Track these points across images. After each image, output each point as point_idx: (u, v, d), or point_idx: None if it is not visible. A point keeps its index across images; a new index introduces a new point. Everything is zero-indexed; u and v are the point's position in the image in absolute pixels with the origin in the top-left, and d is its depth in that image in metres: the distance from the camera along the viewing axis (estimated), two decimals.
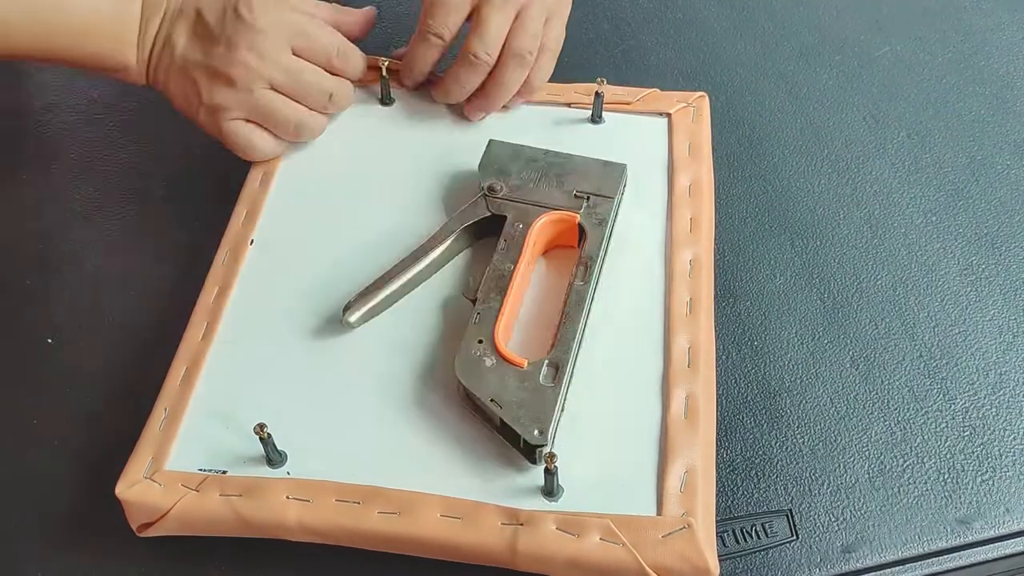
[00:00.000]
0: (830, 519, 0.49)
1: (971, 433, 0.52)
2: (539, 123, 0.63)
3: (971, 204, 0.63)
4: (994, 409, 0.53)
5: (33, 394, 0.54)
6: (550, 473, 0.45)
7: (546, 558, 0.45)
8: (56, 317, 0.58)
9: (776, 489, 0.50)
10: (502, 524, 0.45)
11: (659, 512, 0.46)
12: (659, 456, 0.48)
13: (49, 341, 0.56)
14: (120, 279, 0.59)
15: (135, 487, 0.47)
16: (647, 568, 0.44)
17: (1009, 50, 0.73)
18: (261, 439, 0.46)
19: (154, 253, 0.61)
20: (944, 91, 0.70)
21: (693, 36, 0.75)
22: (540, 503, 0.46)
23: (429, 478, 0.47)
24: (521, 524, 0.45)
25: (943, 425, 0.52)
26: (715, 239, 0.58)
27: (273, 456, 0.47)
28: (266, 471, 0.47)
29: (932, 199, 0.63)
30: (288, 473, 0.47)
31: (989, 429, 0.52)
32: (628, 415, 0.49)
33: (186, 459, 0.48)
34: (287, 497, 0.46)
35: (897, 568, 0.48)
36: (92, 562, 0.48)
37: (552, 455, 0.45)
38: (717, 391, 0.51)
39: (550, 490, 0.46)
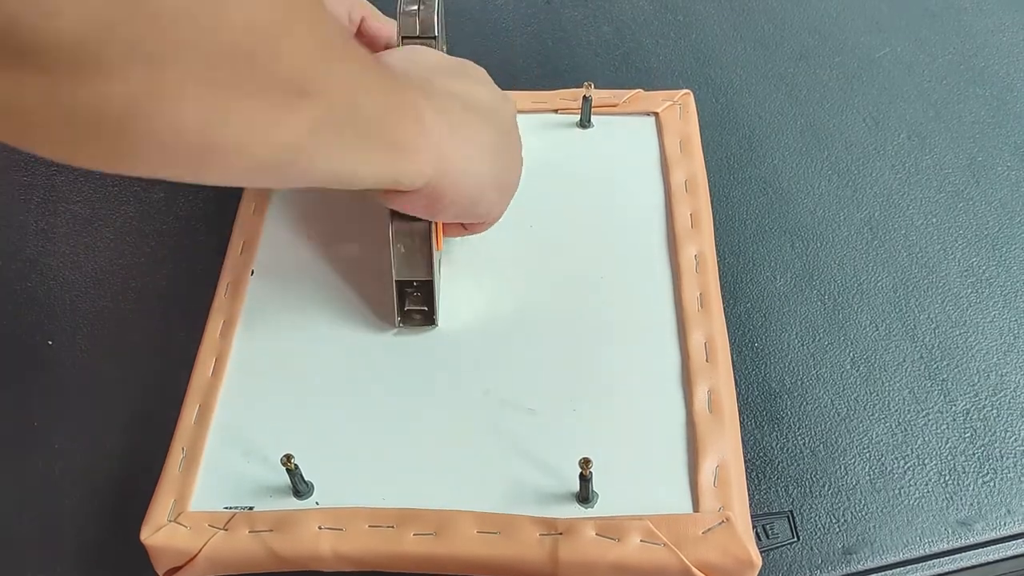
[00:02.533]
0: (831, 521, 0.49)
1: (972, 435, 0.52)
2: (527, 130, 0.61)
3: (972, 206, 0.63)
4: (995, 410, 0.53)
5: (33, 396, 0.54)
6: (585, 479, 0.45)
7: (589, 566, 0.44)
8: (57, 319, 0.58)
9: (777, 490, 0.50)
10: (541, 535, 0.44)
11: (695, 508, 0.45)
12: (689, 452, 0.47)
13: (50, 343, 0.56)
14: (121, 281, 0.59)
15: (160, 531, 0.45)
16: (691, 566, 0.43)
17: (1010, 52, 0.73)
18: (288, 470, 0.45)
19: (155, 255, 0.61)
20: (944, 93, 0.70)
21: (693, 38, 0.75)
22: (576, 510, 0.45)
23: (460, 494, 0.46)
24: (560, 533, 0.44)
25: (944, 426, 0.52)
26: (715, 241, 0.58)
27: (300, 487, 0.46)
28: (294, 503, 0.46)
29: (932, 200, 0.63)
30: (317, 503, 0.46)
31: (990, 430, 0.52)
32: (653, 414, 0.49)
33: (210, 498, 0.46)
34: (319, 528, 0.45)
35: (898, 570, 0.48)
36: (93, 565, 0.48)
37: (587, 460, 0.44)
38: None
39: (585, 496, 0.45)
